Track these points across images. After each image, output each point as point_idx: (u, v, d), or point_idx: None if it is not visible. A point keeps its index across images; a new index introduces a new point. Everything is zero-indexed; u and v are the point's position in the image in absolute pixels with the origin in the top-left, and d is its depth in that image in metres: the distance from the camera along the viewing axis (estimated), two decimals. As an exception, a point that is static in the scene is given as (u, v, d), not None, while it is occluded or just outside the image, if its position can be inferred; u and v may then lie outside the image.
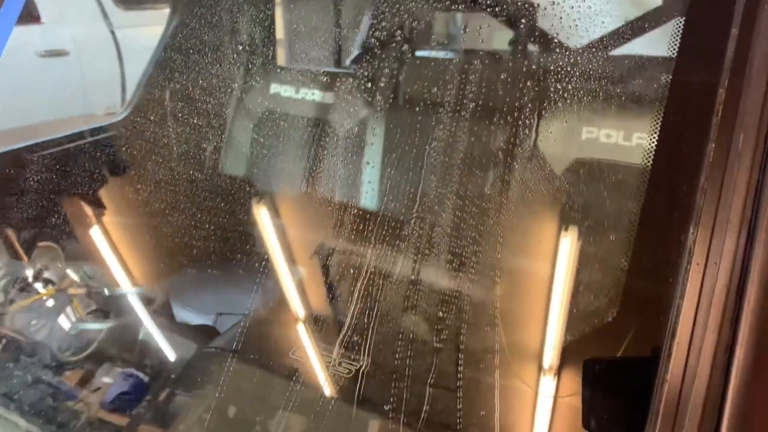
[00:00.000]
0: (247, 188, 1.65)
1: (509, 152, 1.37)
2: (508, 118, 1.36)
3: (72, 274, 1.63)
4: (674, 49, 0.95)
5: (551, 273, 1.15)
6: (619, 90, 1.21)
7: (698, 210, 0.66)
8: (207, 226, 1.54)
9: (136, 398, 1.28)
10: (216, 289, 1.51)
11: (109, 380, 1.33)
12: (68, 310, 1.56)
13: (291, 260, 1.43)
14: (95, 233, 1.65)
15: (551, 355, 1.12)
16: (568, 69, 1.26)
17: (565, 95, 1.26)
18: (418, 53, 1.68)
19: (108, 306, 1.54)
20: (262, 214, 1.53)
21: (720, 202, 0.64)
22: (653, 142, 0.98)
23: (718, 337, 0.62)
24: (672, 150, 0.92)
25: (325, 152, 1.70)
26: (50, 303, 1.59)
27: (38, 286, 1.62)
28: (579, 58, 1.27)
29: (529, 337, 1.15)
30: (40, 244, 1.68)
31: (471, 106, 1.43)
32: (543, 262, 1.18)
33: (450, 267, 1.28)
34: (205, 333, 1.49)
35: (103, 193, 1.72)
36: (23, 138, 1.85)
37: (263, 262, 1.41)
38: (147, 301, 1.53)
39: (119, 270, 1.60)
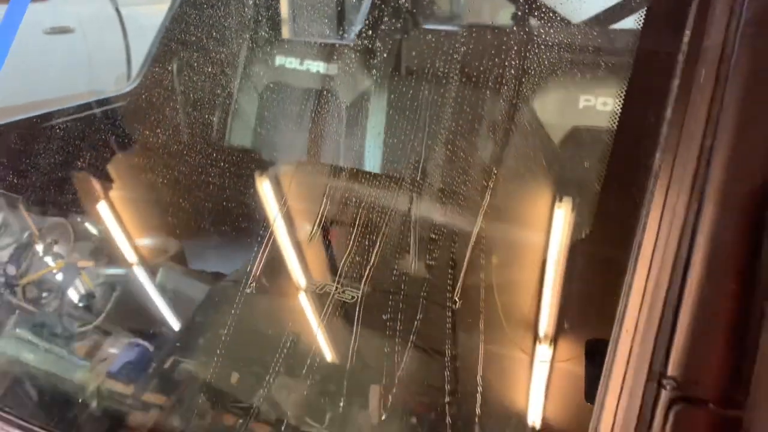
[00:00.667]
0: (253, 157, 1.66)
1: (509, 122, 1.40)
2: (509, 89, 1.38)
3: (81, 248, 1.65)
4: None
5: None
6: (614, 61, 1.22)
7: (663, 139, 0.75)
8: (215, 194, 1.57)
9: (141, 367, 1.31)
10: (225, 250, 1.53)
11: (115, 351, 1.36)
12: (77, 282, 1.59)
13: (296, 222, 1.46)
14: (103, 206, 1.67)
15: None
16: (568, 42, 1.27)
17: (564, 67, 1.27)
18: (421, 26, 1.69)
19: (116, 279, 1.57)
20: (267, 181, 1.55)
21: (683, 133, 0.74)
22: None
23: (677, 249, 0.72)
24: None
25: (329, 122, 1.72)
26: (60, 276, 1.63)
27: (48, 259, 1.65)
28: (579, 32, 1.28)
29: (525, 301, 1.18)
30: (50, 218, 1.70)
31: (472, 78, 1.44)
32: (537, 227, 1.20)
33: (447, 232, 1.31)
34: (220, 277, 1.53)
35: (111, 167, 1.74)
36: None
37: (269, 226, 1.43)
38: (162, 252, 1.56)
39: (128, 243, 1.63)
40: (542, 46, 1.30)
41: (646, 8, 1.02)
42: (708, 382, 0.72)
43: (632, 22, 1.25)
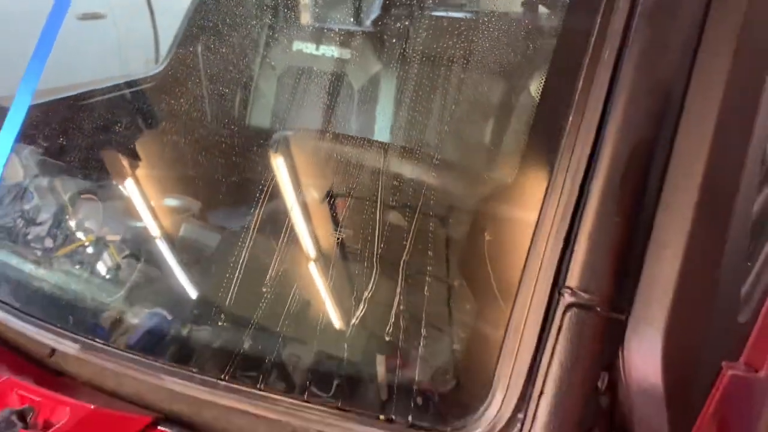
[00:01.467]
0: (271, 138, 1.75)
1: (516, 107, 1.49)
2: (521, 76, 1.47)
3: (109, 222, 1.76)
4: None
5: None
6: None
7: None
8: (236, 168, 1.66)
9: (160, 335, 1.43)
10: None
11: (136, 321, 1.47)
12: (105, 255, 1.70)
13: (309, 196, 1.55)
14: (131, 183, 1.78)
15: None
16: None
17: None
18: (435, 13, 1.74)
19: (140, 251, 1.67)
20: (284, 159, 1.64)
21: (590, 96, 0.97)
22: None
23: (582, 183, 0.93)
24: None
25: (343, 105, 1.80)
26: (90, 249, 1.74)
27: (80, 234, 1.76)
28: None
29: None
30: (82, 195, 1.81)
31: (485, 64, 1.51)
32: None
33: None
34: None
35: (139, 145, 1.84)
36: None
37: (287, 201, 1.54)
38: (184, 210, 1.69)
39: (152, 218, 1.73)
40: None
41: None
42: (598, 291, 0.89)
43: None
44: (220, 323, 1.31)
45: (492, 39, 1.45)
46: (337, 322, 1.27)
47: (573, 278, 0.90)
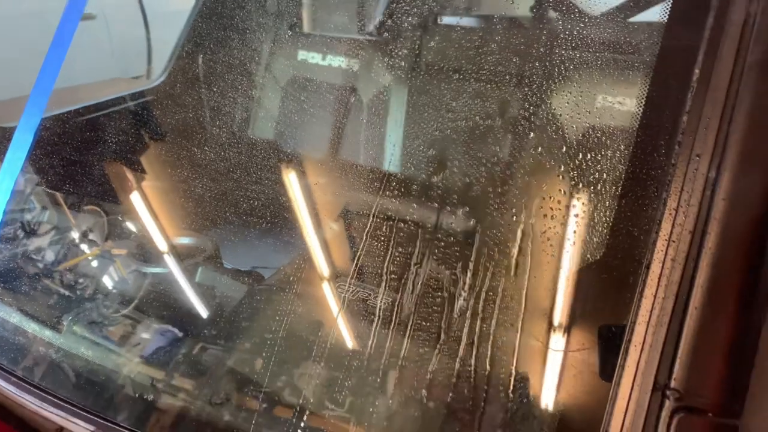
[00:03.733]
0: (276, 150, 1.72)
1: (527, 118, 1.44)
2: (528, 83, 1.41)
3: (114, 236, 1.73)
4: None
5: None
6: (634, 57, 1.26)
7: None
8: (238, 183, 1.62)
9: (171, 352, 1.39)
10: (254, 245, 1.59)
11: (148, 336, 1.43)
12: (111, 269, 1.67)
13: (319, 216, 1.51)
14: (136, 196, 1.74)
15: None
16: (589, 35, 1.30)
17: (584, 61, 1.31)
18: (441, 20, 1.71)
19: (147, 265, 1.64)
20: (291, 175, 1.61)
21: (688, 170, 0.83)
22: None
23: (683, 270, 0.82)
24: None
25: (350, 116, 1.77)
26: (95, 263, 1.70)
27: (84, 247, 1.73)
28: (599, 25, 1.30)
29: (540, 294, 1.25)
30: (86, 207, 1.77)
31: (493, 72, 1.47)
32: (557, 221, 1.27)
33: (467, 227, 1.37)
34: (254, 277, 1.59)
35: (143, 158, 1.80)
36: (58, 99, 1.93)
37: (295, 220, 1.50)
38: (199, 251, 1.63)
39: (159, 232, 1.70)
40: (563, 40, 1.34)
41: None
42: (708, 394, 0.79)
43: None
44: (263, 405, 1.25)
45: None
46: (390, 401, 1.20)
47: (679, 378, 0.81)
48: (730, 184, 0.80)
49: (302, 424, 1.21)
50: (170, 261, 1.62)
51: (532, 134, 1.35)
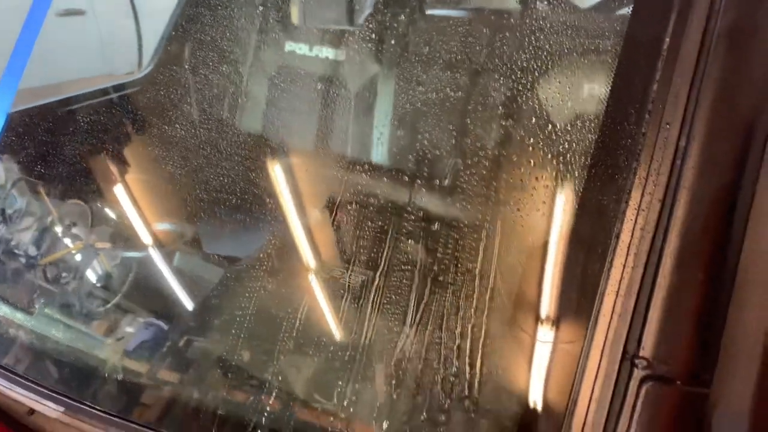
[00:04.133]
0: (263, 142, 1.70)
1: (514, 108, 1.42)
2: (515, 75, 1.40)
3: (98, 230, 1.71)
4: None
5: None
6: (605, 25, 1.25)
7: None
8: (226, 179, 1.61)
9: (156, 346, 1.37)
10: (237, 234, 1.57)
11: (132, 330, 1.42)
12: (95, 263, 1.65)
13: (304, 208, 1.50)
14: (120, 189, 1.72)
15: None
16: (576, 27, 1.29)
17: (571, 52, 1.29)
18: (429, 11, 1.70)
19: (131, 259, 1.62)
20: (277, 167, 1.59)
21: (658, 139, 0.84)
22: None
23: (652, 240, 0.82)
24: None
25: (337, 108, 1.75)
26: (78, 257, 1.68)
27: (67, 241, 1.71)
28: (586, 17, 1.29)
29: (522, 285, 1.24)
30: (69, 201, 1.75)
31: (480, 63, 1.46)
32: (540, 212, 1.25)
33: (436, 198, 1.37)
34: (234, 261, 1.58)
35: (127, 150, 1.78)
36: (46, 96, 1.92)
37: (279, 211, 1.48)
38: (179, 236, 1.62)
39: (143, 224, 1.68)
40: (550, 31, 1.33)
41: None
42: (677, 363, 0.79)
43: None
44: (228, 386, 1.24)
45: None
46: (368, 387, 1.19)
47: (648, 346, 0.81)
48: (699, 152, 0.81)
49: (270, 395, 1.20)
50: (148, 244, 1.61)
51: (501, 107, 1.35)
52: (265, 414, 1.17)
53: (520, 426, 1.09)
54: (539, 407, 1.05)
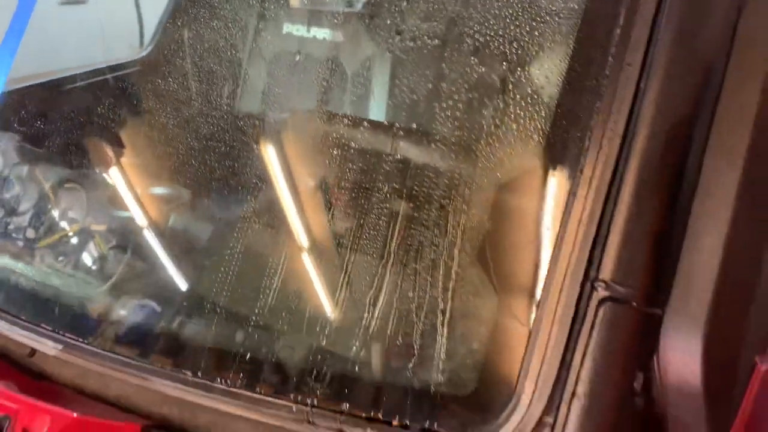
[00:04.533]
0: (262, 123, 1.67)
1: (508, 85, 1.41)
2: (513, 52, 1.39)
3: (94, 212, 1.68)
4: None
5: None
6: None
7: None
8: (221, 159, 1.59)
9: (149, 328, 1.35)
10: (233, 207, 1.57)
11: (125, 312, 1.39)
12: (91, 245, 1.63)
13: (300, 184, 1.49)
14: (116, 172, 1.70)
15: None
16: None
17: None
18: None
19: (127, 241, 1.59)
20: (274, 146, 1.57)
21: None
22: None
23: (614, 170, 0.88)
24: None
25: (334, 89, 1.72)
26: (75, 240, 1.66)
27: (64, 224, 1.68)
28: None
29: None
30: (65, 185, 1.73)
31: (478, 42, 1.43)
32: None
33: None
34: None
35: (124, 132, 1.76)
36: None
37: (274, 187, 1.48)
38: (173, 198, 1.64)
39: (139, 206, 1.65)
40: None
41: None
42: (633, 285, 0.85)
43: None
44: (215, 319, 1.24)
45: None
46: (346, 321, 1.20)
47: (606, 270, 0.85)
48: (658, 91, 0.86)
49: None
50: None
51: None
52: (252, 346, 1.19)
53: (488, 345, 1.13)
54: (506, 329, 1.11)
